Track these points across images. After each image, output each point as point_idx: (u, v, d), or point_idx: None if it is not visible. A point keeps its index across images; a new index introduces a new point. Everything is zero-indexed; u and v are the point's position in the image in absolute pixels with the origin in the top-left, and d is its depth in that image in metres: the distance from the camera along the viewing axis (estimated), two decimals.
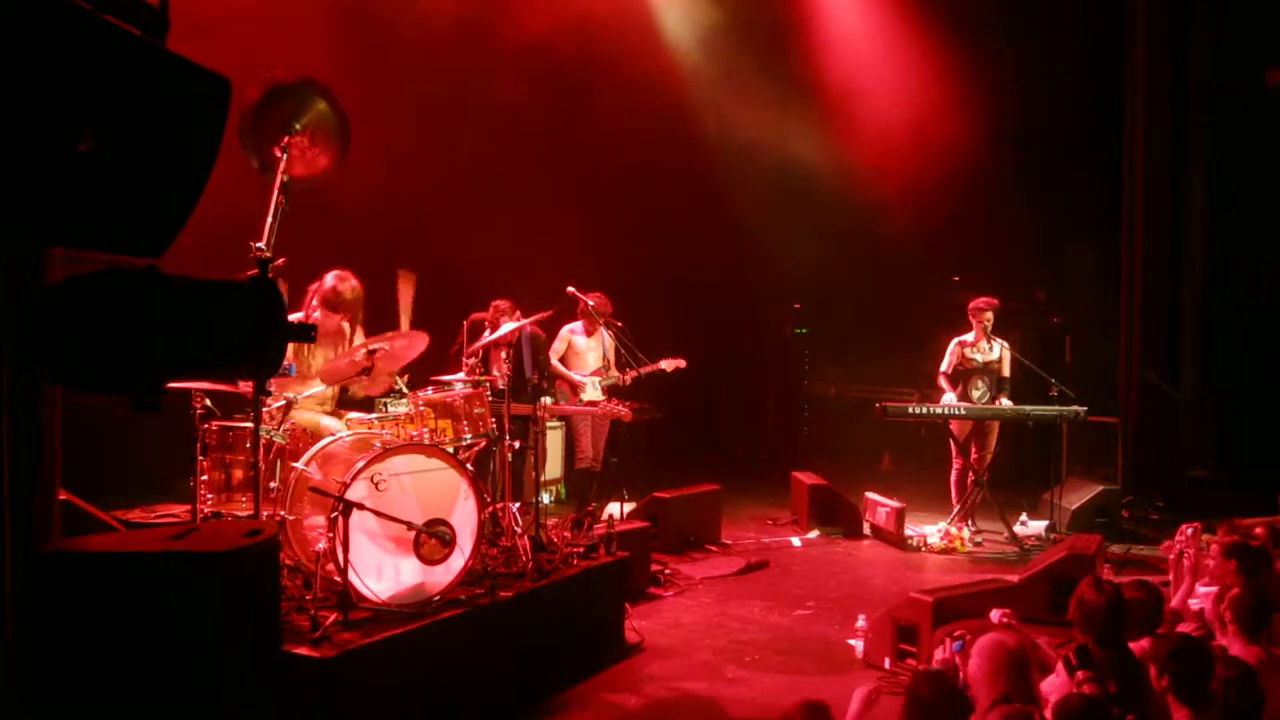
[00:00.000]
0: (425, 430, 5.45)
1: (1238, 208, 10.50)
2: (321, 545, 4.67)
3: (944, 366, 9.08)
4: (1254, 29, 10.04)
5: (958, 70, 10.55)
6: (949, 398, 8.95)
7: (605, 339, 8.70)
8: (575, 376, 8.62)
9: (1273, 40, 10.03)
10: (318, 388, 5.68)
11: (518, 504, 6.02)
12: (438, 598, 4.91)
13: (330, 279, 5.82)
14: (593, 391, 8.63)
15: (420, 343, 5.55)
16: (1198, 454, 10.23)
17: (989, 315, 8.90)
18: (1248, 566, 4.93)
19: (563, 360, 8.68)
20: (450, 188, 9.47)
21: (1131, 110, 10.71)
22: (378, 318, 6.05)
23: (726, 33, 11.01)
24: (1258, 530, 6.20)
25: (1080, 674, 3.69)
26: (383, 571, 4.78)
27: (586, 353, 8.71)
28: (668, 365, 8.66)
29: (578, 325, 8.68)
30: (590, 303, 8.26)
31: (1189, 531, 5.57)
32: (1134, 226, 11.01)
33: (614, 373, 8.68)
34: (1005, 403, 8.88)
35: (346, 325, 5.90)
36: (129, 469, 7.47)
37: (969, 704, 3.51)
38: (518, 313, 7.21)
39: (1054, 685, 3.83)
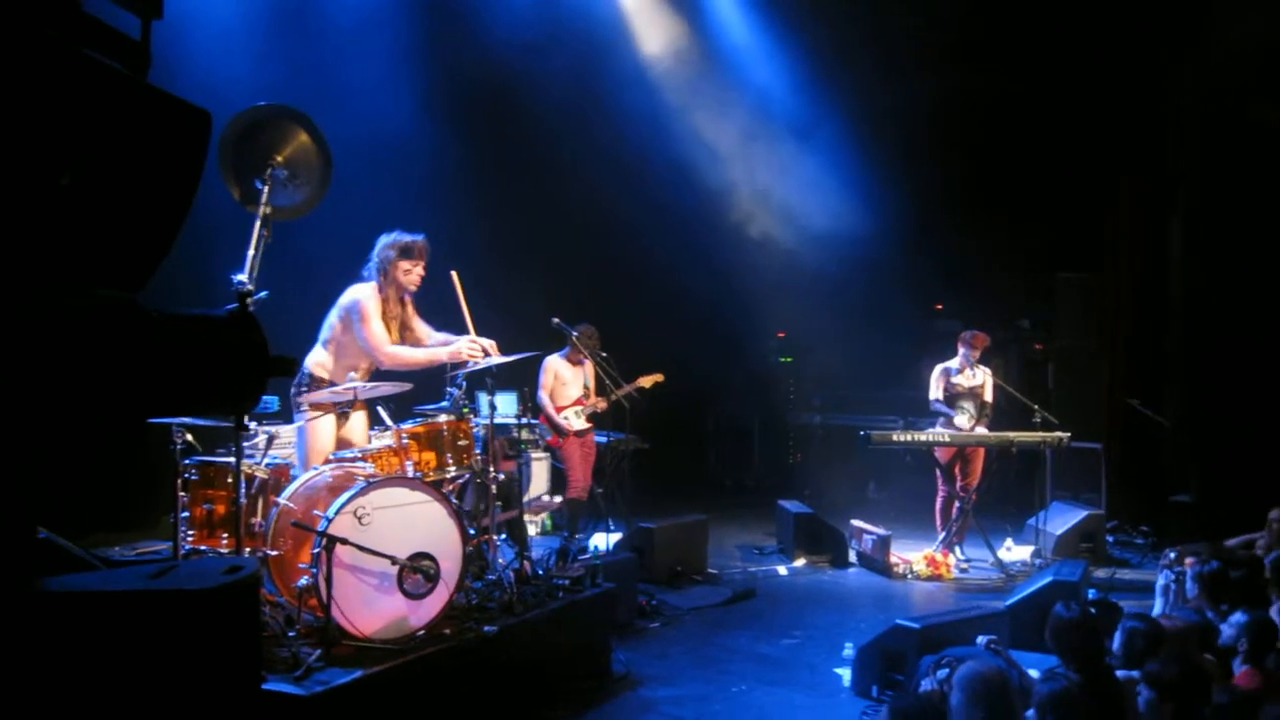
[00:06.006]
0: (409, 463, 5.41)
1: (1219, 237, 10.56)
2: (304, 581, 4.62)
3: (935, 394, 9.09)
4: (1238, 64, 10.12)
5: (943, 99, 10.65)
6: (961, 420, 8.91)
7: (587, 368, 8.69)
8: (559, 419, 8.58)
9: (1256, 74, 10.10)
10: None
11: (503, 536, 5.97)
12: (422, 632, 4.87)
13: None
14: (576, 421, 8.62)
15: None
16: (1181, 479, 10.26)
17: (978, 353, 8.99)
18: (1214, 594, 4.97)
19: (549, 391, 8.65)
20: (426, 220, 9.44)
21: (1117, 139, 10.84)
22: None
23: (702, 61, 11.10)
24: (1240, 552, 6.25)
25: None
26: (366, 606, 4.73)
27: (571, 383, 8.70)
28: (645, 382, 8.68)
29: (562, 356, 8.67)
30: (575, 334, 8.26)
31: (1170, 555, 5.63)
32: (1117, 255, 11.12)
33: (594, 399, 8.68)
34: (980, 430, 8.89)
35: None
36: (107, 504, 7.37)
37: None
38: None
39: None
